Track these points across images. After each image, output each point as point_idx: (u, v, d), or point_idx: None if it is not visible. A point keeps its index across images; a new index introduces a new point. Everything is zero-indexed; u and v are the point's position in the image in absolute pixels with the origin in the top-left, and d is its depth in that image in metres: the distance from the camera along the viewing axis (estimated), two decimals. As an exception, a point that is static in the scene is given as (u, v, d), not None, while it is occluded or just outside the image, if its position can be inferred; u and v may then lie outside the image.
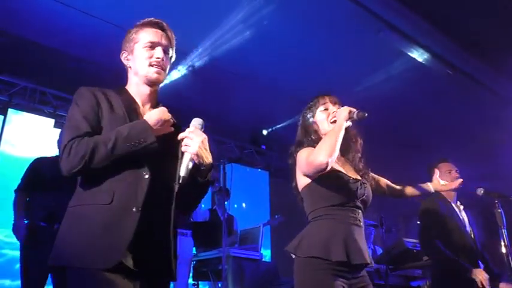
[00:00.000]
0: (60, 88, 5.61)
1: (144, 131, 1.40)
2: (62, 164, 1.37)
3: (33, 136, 5.42)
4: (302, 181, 2.00)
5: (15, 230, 3.43)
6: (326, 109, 2.10)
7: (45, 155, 3.71)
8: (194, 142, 1.46)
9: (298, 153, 2.01)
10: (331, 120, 2.04)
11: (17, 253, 3.58)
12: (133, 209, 1.36)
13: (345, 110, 1.93)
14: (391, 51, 5.29)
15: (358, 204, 1.93)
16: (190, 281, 4.58)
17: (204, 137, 1.51)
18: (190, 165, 1.45)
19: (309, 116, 2.14)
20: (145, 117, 1.45)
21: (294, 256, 1.90)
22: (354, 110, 1.92)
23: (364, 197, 1.95)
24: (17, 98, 5.47)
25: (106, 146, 1.35)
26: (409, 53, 5.34)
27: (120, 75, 1.70)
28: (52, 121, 5.64)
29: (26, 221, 3.48)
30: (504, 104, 6.38)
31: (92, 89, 1.52)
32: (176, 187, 1.52)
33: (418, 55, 5.39)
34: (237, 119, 7.00)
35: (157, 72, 1.57)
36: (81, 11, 4.68)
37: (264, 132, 7.65)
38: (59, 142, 3.57)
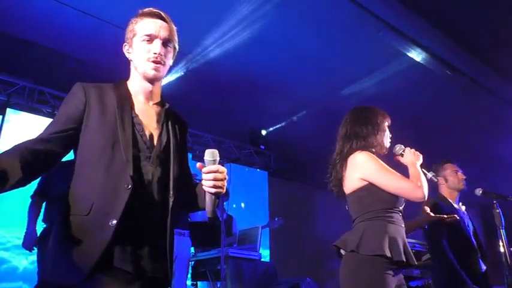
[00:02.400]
0: (59, 87, 5.59)
1: None
2: None
3: (32, 136, 5.40)
4: (357, 183, 2.06)
5: (27, 241, 3.41)
6: (389, 128, 2.22)
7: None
8: (223, 183, 1.37)
9: (359, 156, 2.06)
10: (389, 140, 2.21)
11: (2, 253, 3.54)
12: (109, 222, 1.29)
13: (418, 156, 2.16)
14: (391, 51, 5.29)
15: (401, 208, 2.07)
16: (189, 281, 4.58)
17: (225, 170, 1.39)
18: (216, 202, 1.40)
19: (382, 118, 2.20)
20: None
21: (344, 252, 1.98)
22: (421, 158, 2.15)
23: (404, 203, 2.09)
24: (15, 97, 5.46)
25: None
26: (408, 53, 5.35)
27: (119, 75, 1.69)
28: (50, 121, 5.62)
29: (44, 225, 3.48)
30: (503, 104, 6.39)
31: (86, 86, 1.46)
32: (171, 200, 1.44)
33: (417, 55, 5.40)
34: (236, 119, 7.00)
35: (155, 69, 1.47)
36: (80, 11, 4.68)
37: (263, 132, 7.65)
38: None
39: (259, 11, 4.67)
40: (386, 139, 2.17)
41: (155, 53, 1.46)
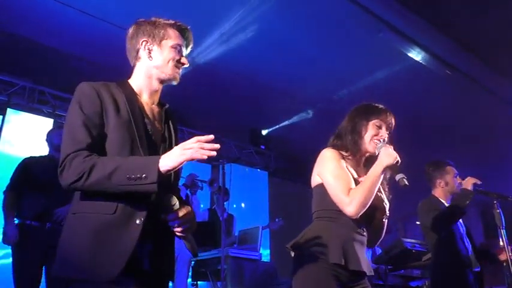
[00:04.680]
0: (59, 88, 5.59)
1: (148, 167, 1.30)
2: (60, 177, 1.35)
3: (32, 136, 5.41)
4: (316, 178, 2.00)
5: (6, 234, 3.33)
6: (379, 127, 2.00)
7: (35, 155, 3.69)
8: (192, 223, 1.47)
9: (324, 152, 1.99)
10: (374, 140, 1.97)
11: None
12: (137, 221, 1.35)
13: (390, 155, 1.85)
14: (391, 52, 5.29)
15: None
16: (189, 281, 4.58)
17: (188, 210, 1.45)
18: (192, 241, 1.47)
19: (363, 117, 2.02)
20: (163, 158, 1.33)
21: (293, 254, 1.93)
22: (398, 161, 1.85)
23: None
24: (15, 97, 5.46)
25: (104, 170, 1.30)
26: (409, 53, 5.35)
27: (119, 74, 1.69)
28: (51, 121, 5.63)
29: (16, 221, 3.44)
30: (502, 104, 6.39)
31: (95, 86, 1.47)
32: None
33: (417, 55, 5.40)
34: (236, 119, 7.00)
35: (179, 75, 1.60)
36: (80, 11, 4.68)
37: (264, 132, 7.65)
38: (51, 140, 3.55)
39: (260, 10, 4.67)
40: (367, 139, 1.98)
41: (184, 63, 1.60)
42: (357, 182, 1.93)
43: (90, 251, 1.31)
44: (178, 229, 1.42)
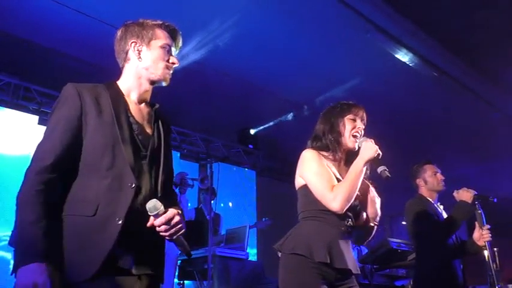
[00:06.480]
0: (45, 84, 5.51)
1: (22, 255, 1.25)
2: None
3: (17, 133, 5.33)
4: (299, 180, 2.04)
5: None
6: (354, 120, 2.04)
7: None
8: (179, 226, 1.45)
9: (304, 153, 2.01)
10: (353, 133, 2.01)
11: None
12: (116, 220, 1.34)
13: (371, 149, 1.90)
14: (379, 53, 5.33)
15: (348, 213, 1.94)
16: (176, 280, 4.56)
17: (174, 213, 1.43)
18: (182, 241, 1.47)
19: (338, 115, 2.05)
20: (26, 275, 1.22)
21: (279, 254, 1.96)
22: (379, 154, 1.89)
23: (354, 205, 1.97)
24: (0, 93, 5.37)
25: (20, 218, 1.29)
26: (396, 55, 5.40)
27: (107, 72, 1.68)
28: (36, 118, 5.55)
29: None
30: (488, 107, 6.48)
31: (78, 88, 1.45)
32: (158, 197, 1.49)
33: (405, 56, 5.45)
34: (224, 118, 6.99)
35: (170, 75, 1.59)
36: (69, 7, 4.62)
37: (252, 131, 7.65)
38: None
39: (248, 10, 4.67)
40: (346, 135, 2.01)
41: (174, 63, 1.60)
42: (339, 181, 1.95)
43: (69, 251, 1.32)
44: (166, 233, 1.41)
